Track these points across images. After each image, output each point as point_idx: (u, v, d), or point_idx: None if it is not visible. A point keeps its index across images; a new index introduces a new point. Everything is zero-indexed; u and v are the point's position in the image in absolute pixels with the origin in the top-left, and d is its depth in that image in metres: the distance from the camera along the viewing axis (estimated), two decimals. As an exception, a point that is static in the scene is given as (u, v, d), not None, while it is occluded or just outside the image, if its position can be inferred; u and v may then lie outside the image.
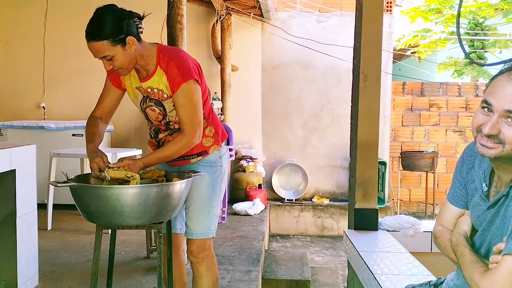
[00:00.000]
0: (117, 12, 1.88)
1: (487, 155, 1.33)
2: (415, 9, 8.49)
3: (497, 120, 1.29)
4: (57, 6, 5.81)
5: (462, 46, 1.16)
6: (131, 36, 1.87)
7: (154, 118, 2.09)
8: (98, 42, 1.83)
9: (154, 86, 2.00)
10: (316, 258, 5.12)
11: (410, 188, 7.19)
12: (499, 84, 1.31)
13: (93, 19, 1.86)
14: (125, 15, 1.89)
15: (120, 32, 1.84)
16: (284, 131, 6.28)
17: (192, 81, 1.97)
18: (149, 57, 1.97)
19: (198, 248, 2.13)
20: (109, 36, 1.83)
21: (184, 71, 1.95)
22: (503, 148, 1.29)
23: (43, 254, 3.32)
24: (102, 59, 1.89)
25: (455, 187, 1.60)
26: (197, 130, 1.99)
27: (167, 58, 1.97)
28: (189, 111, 1.98)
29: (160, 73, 1.98)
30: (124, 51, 1.87)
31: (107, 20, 1.84)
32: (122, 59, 1.88)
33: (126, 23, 1.86)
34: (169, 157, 2.02)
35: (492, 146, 1.31)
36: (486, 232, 1.44)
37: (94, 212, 1.82)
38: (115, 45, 1.84)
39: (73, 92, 5.90)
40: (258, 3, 5.16)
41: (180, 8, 3.14)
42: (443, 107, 7.06)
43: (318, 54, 5.97)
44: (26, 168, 2.61)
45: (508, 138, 1.29)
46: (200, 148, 2.11)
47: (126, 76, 2.05)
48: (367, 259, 2.30)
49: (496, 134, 1.29)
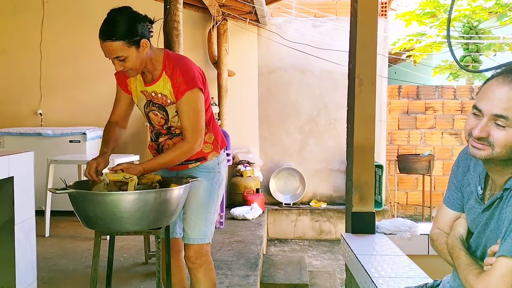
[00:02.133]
0: (133, 14, 1.93)
1: (478, 157, 1.37)
2: (410, 13, 8.54)
3: (486, 123, 1.33)
4: (53, 14, 5.82)
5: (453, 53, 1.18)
6: (145, 39, 1.91)
7: (157, 122, 2.11)
8: (114, 42, 1.85)
9: (159, 91, 2.04)
10: (314, 262, 5.13)
11: (407, 191, 7.22)
12: (489, 89, 1.34)
13: (109, 19, 1.89)
14: (140, 18, 1.93)
15: (136, 34, 1.88)
16: (281, 135, 6.30)
17: (196, 89, 2.00)
18: (157, 62, 2.01)
19: (195, 253, 2.14)
20: (126, 37, 1.86)
21: (189, 79, 1.98)
22: (492, 150, 1.33)
23: (42, 261, 3.32)
24: (114, 59, 1.91)
25: (451, 190, 1.62)
26: (198, 138, 2.01)
27: (173, 65, 2.00)
28: (192, 118, 2.00)
29: (165, 79, 2.01)
30: (137, 53, 1.90)
31: (124, 21, 1.87)
32: (134, 60, 1.91)
33: (141, 26, 1.90)
34: (169, 163, 2.04)
35: (482, 148, 1.35)
36: (481, 235, 1.46)
37: (93, 218, 1.83)
38: (130, 46, 1.87)
39: (70, 98, 5.91)
40: (254, 9, 5.19)
41: (176, 15, 3.17)
42: (438, 110, 7.10)
43: (314, 59, 6.01)
44: (24, 175, 2.61)
45: (496, 141, 1.32)
46: (199, 154, 2.12)
47: (132, 79, 2.09)
48: (365, 262, 2.31)
49: (485, 136, 1.33)
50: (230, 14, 5.61)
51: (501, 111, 1.30)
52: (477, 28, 8.44)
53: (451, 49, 1.13)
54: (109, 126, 2.14)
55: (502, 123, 1.30)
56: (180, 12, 3.19)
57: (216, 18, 5.48)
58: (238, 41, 6.03)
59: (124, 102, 2.16)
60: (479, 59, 8.56)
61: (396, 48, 8.59)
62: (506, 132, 1.31)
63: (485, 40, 8.38)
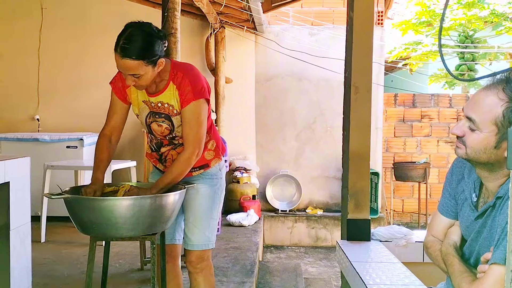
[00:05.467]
0: (153, 32, 1.89)
1: (457, 155, 1.45)
2: (406, 22, 8.62)
3: (463, 123, 1.39)
4: (52, 20, 5.84)
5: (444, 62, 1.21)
6: (162, 58, 1.91)
7: (160, 132, 2.09)
8: (133, 61, 1.83)
9: (165, 101, 2.01)
10: (310, 269, 5.13)
11: (403, 198, 7.23)
12: (474, 93, 1.42)
13: (129, 35, 1.84)
14: (160, 36, 1.90)
15: (155, 54, 1.86)
16: (277, 142, 6.31)
17: (203, 100, 2.00)
18: (164, 72, 1.99)
19: (197, 258, 2.15)
20: (145, 57, 1.84)
21: (198, 89, 1.98)
22: (466, 150, 1.39)
23: (37, 266, 3.31)
24: (128, 75, 1.88)
25: (445, 198, 1.64)
26: (197, 148, 2.01)
27: (182, 74, 1.99)
28: (194, 128, 2.00)
29: (173, 88, 1.99)
30: (153, 71, 1.90)
31: (145, 41, 1.84)
32: (148, 77, 1.90)
33: (158, 44, 1.88)
34: (176, 179, 2.01)
35: (459, 146, 1.42)
36: (474, 243, 1.47)
37: (88, 224, 1.83)
38: (147, 65, 1.86)
39: (67, 104, 5.91)
40: (251, 17, 5.22)
41: (174, 22, 3.18)
42: (434, 118, 7.13)
43: (311, 67, 6.03)
44: (20, 180, 2.61)
45: (467, 142, 1.39)
46: (202, 161, 2.14)
47: (133, 89, 2.05)
48: (360, 269, 2.32)
49: (461, 136, 1.40)
50: (227, 22, 5.65)
51: (471, 114, 1.36)
52: (473, 37, 8.51)
53: (442, 59, 1.16)
54: (102, 143, 2.08)
55: (472, 126, 1.36)
56: (178, 20, 3.20)
57: (214, 25, 5.51)
58: (235, 48, 6.06)
59: (119, 114, 2.10)
60: (475, 68, 8.63)
61: (392, 56, 8.65)
62: (476, 135, 1.36)
63: (480, 49, 8.45)
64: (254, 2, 4.46)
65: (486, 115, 1.33)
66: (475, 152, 1.37)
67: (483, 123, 1.33)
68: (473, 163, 1.43)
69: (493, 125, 1.32)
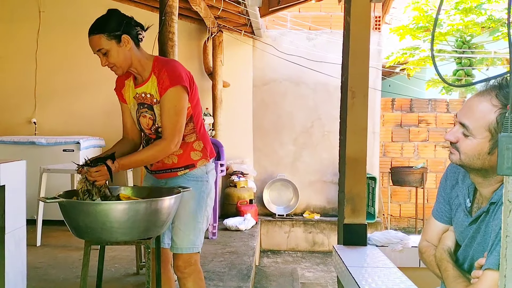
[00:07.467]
0: (118, 13, 2.06)
1: (451, 161, 1.46)
2: (404, 27, 8.64)
3: (457, 129, 1.40)
4: (50, 23, 5.84)
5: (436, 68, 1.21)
6: (126, 35, 2.00)
7: (145, 125, 2.14)
8: (95, 36, 1.98)
9: (147, 91, 2.09)
10: (307, 274, 5.12)
11: (400, 203, 7.23)
12: (468, 99, 1.43)
13: (98, 18, 2.03)
14: (125, 17, 2.05)
15: (116, 29, 1.99)
16: (275, 146, 6.31)
17: (180, 86, 2.03)
18: (146, 64, 2.09)
19: (184, 263, 2.14)
20: (105, 30, 1.97)
21: (174, 76, 2.03)
22: (460, 156, 1.39)
23: (32, 270, 3.29)
24: (97, 53, 2.01)
25: (439, 203, 1.64)
26: (175, 137, 2.04)
27: (161, 66, 2.08)
28: (172, 116, 2.03)
29: (153, 79, 2.07)
30: (118, 47, 1.99)
31: (107, 18, 2.01)
32: (115, 55, 2.00)
33: (124, 24, 2.01)
34: (145, 161, 2.10)
35: (453, 152, 1.43)
36: (468, 248, 1.47)
37: (83, 228, 1.83)
38: (110, 40, 1.98)
39: (64, 108, 5.91)
40: (249, 21, 5.23)
41: (171, 26, 3.19)
42: (431, 123, 7.15)
43: (309, 71, 6.05)
44: (16, 183, 2.61)
45: (461, 148, 1.39)
46: (188, 161, 2.15)
47: (127, 88, 2.17)
48: (356, 274, 2.31)
49: (454, 142, 1.41)
50: (225, 26, 5.66)
51: (464, 120, 1.37)
52: (470, 42, 8.55)
53: (435, 65, 1.16)
54: (121, 140, 2.24)
55: (465, 132, 1.36)
56: (175, 23, 3.21)
57: (212, 29, 5.53)
58: (233, 52, 6.07)
59: (129, 116, 2.23)
60: (472, 73, 8.66)
61: (390, 61, 8.68)
62: (469, 141, 1.36)
63: (477, 54, 8.48)
64: (252, 7, 4.48)
65: (480, 121, 1.33)
66: (469, 158, 1.37)
67: (476, 129, 1.34)
68: (467, 169, 1.43)
69: (486, 131, 1.33)
